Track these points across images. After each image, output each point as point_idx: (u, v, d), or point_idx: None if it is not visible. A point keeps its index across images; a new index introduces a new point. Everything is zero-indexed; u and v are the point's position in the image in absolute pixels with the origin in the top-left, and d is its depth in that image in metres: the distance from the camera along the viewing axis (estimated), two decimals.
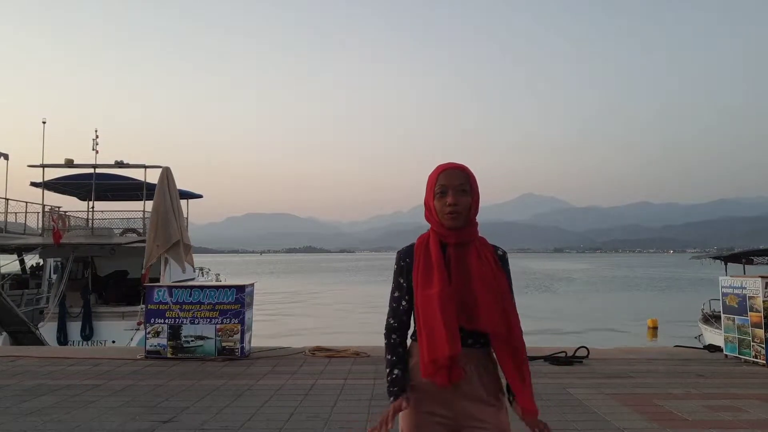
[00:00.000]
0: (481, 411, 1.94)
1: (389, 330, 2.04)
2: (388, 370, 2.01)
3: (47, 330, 13.41)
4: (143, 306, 12.94)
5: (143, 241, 14.79)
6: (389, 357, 2.02)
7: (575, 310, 32.16)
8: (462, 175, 2.00)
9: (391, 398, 1.96)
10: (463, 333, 1.93)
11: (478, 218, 2.06)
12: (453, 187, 1.97)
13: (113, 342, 13.32)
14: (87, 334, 13.51)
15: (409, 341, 2.06)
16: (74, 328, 13.57)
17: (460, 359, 1.92)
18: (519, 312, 2.03)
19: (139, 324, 13.08)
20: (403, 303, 2.02)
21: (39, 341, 12.69)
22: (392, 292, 2.06)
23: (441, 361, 1.89)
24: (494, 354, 1.99)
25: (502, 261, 2.05)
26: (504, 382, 2.01)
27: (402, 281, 2.04)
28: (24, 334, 12.84)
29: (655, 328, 24.27)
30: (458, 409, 1.94)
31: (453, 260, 1.97)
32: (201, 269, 21.71)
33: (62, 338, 13.43)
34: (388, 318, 2.05)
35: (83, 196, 18.22)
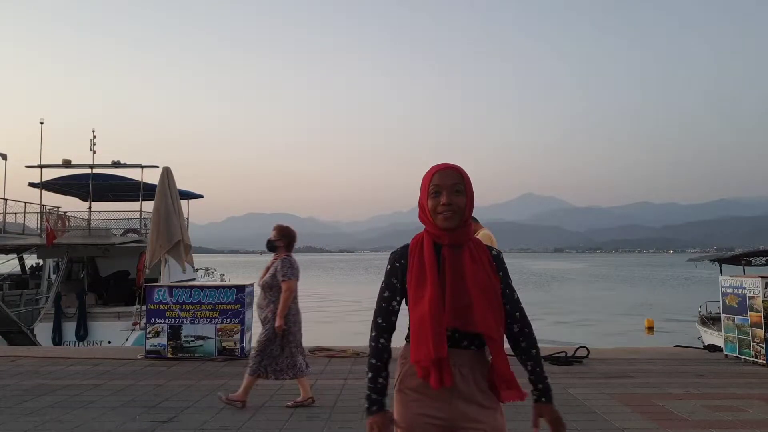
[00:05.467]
0: (476, 412, 1.93)
1: (378, 331, 2.01)
2: (371, 375, 1.98)
3: (42, 330, 13.40)
4: (138, 306, 12.96)
5: (139, 242, 14.79)
6: (374, 361, 1.99)
7: (571, 310, 32.17)
8: (456, 175, 1.99)
9: (374, 407, 1.94)
10: (458, 335, 1.93)
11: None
12: (447, 188, 1.96)
13: (109, 342, 13.32)
14: (81, 335, 13.50)
15: (403, 342, 2.04)
16: (69, 328, 13.57)
17: (455, 361, 1.92)
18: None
19: (134, 324, 13.08)
20: (393, 303, 2.00)
21: (31, 342, 12.69)
22: (381, 292, 2.03)
23: (424, 362, 1.88)
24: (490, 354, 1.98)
25: (497, 261, 2.03)
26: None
27: (395, 282, 2.01)
28: (16, 335, 12.85)
29: (651, 328, 24.32)
30: (453, 411, 1.92)
31: (447, 262, 1.95)
32: (207, 270, 21.67)
33: (57, 338, 13.43)
34: (375, 317, 2.02)
35: (84, 197, 18.22)
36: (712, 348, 8.33)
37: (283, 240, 5.27)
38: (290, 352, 5.11)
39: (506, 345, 2.02)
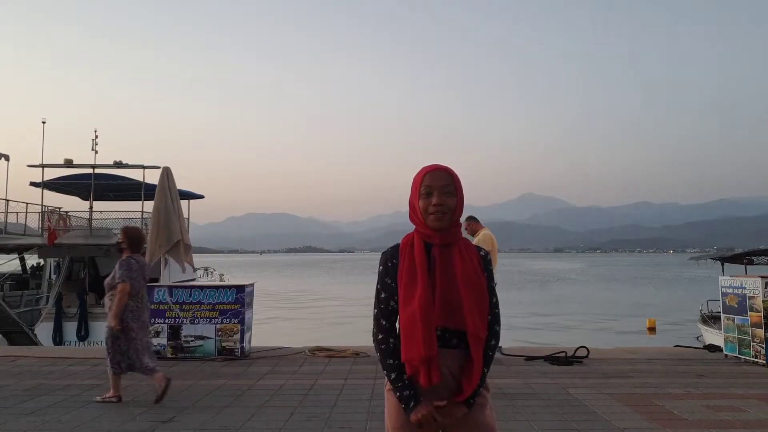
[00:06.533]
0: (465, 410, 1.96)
1: (384, 332, 2.02)
2: (394, 374, 1.98)
3: (43, 330, 13.40)
4: None
5: None
6: (391, 361, 2.00)
7: (571, 310, 32.18)
8: (447, 176, 2.02)
9: (412, 402, 1.94)
10: (448, 333, 1.95)
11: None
12: (438, 188, 1.99)
13: None
14: (83, 335, 13.49)
15: None
16: (70, 328, 13.56)
17: (445, 361, 1.94)
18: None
19: None
20: (392, 303, 2.02)
21: (32, 342, 12.69)
22: (378, 294, 2.05)
23: (414, 361, 1.91)
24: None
25: (484, 261, 2.06)
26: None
27: (390, 281, 2.03)
28: (18, 335, 12.85)
29: (652, 328, 24.33)
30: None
31: (438, 261, 1.98)
32: (206, 269, 21.68)
33: (58, 338, 13.42)
34: (378, 319, 2.04)
35: (85, 197, 18.22)
36: (712, 348, 8.33)
37: (126, 242, 5.60)
38: (135, 349, 5.39)
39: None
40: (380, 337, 2.03)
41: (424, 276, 1.95)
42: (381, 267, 2.07)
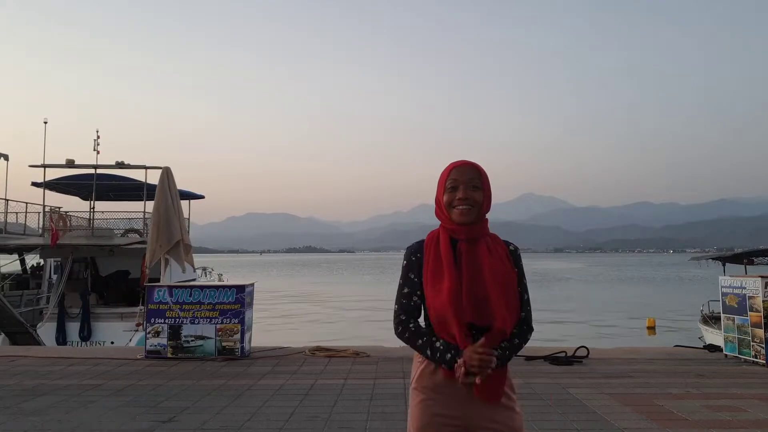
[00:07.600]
0: (493, 411, 1.92)
1: (404, 325, 1.97)
2: (429, 349, 1.91)
3: (46, 330, 13.43)
4: (142, 307, 12.98)
5: (143, 242, 14.81)
6: (420, 341, 1.94)
7: (571, 309, 32.17)
8: (473, 170, 2.00)
9: (448, 356, 1.87)
10: (476, 331, 1.91)
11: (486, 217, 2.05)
12: (464, 182, 1.97)
13: (112, 343, 13.34)
14: (85, 335, 13.52)
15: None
16: (73, 328, 13.59)
17: None
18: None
19: (137, 325, 13.10)
20: (414, 299, 1.98)
21: (36, 342, 12.71)
22: (401, 288, 2.01)
23: (450, 338, 1.89)
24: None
25: (514, 256, 2.03)
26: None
27: (413, 277, 1.99)
28: (21, 335, 12.86)
29: (652, 328, 24.36)
30: (470, 410, 1.91)
31: (464, 256, 1.94)
32: (204, 269, 21.67)
33: (61, 338, 13.45)
34: (398, 314, 1.99)
35: (85, 197, 18.23)
36: (712, 348, 8.33)
37: None
38: None
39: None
40: (400, 329, 1.99)
41: (450, 271, 1.91)
42: (405, 262, 2.03)
